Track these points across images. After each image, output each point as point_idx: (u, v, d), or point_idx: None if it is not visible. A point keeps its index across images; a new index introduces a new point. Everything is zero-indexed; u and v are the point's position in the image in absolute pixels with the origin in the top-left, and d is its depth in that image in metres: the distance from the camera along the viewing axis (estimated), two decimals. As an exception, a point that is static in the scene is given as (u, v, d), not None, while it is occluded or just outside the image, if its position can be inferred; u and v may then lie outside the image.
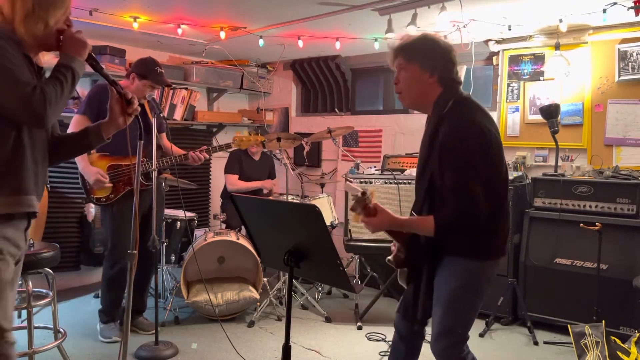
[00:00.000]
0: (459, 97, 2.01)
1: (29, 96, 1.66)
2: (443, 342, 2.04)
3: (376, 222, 1.96)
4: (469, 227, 1.92)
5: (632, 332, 3.26)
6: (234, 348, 3.27)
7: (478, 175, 1.88)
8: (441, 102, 1.99)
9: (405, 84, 2.06)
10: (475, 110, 1.98)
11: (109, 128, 1.99)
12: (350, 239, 4.03)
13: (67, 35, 1.81)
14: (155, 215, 3.46)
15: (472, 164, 1.88)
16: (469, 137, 1.90)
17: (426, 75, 2.01)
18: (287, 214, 1.91)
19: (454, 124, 1.92)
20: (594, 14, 3.58)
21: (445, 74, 2.01)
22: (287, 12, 3.83)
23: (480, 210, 1.89)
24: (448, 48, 2.03)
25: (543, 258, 3.82)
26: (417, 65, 2.01)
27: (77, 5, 3.61)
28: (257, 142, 3.27)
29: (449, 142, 1.91)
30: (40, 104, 1.67)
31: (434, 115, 2.03)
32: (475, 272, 2.00)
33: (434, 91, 2.02)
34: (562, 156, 4.14)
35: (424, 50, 2.02)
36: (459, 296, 2.00)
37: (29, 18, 1.73)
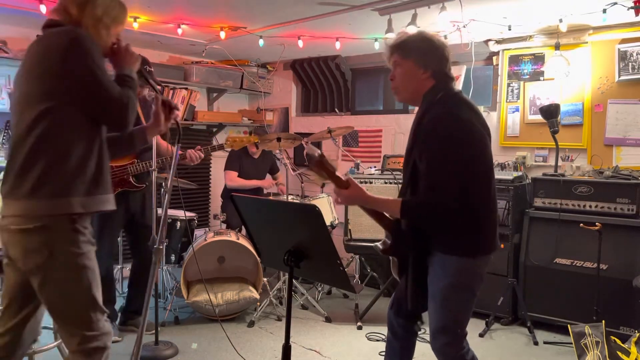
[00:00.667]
0: (448, 91, 2.06)
1: (118, 101, 1.80)
2: (441, 339, 2.05)
3: (347, 194, 2.04)
4: (438, 218, 1.95)
5: (632, 332, 3.26)
6: (234, 348, 3.27)
7: (453, 167, 1.91)
8: (430, 94, 2.06)
9: (401, 80, 2.12)
10: (460, 105, 2.02)
11: (152, 132, 2.15)
12: (350, 239, 4.03)
13: (124, 48, 1.96)
14: (151, 216, 3.47)
15: (448, 155, 1.92)
16: (448, 129, 1.94)
17: (420, 70, 2.06)
18: (287, 214, 1.91)
19: (436, 115, 1.98)
20: (594, 14, 3.58)
21: (439, 69, 2.07)
22: (287, 12, 3.83)
23: (449, 202, 1.91)
24: (442, 45, 2.10)
25: (543, 258, 3.83)
26: (412, 61, 2.07)
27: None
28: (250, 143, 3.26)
29: (429, 131, 1.97)
30: (126, 110, 1.82)
31: (422, 106, 2.09)
32: (467, 269, 2.02)
33: (427, 85, 2.08)
34: (562, 156, 4.14)
35: (419, 47, 2.08)
36: (452, 294, 2.02)
37: (97, 25, 1.87)
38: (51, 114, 1.76)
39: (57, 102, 1.76)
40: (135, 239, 3.64)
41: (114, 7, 1.93)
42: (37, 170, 1.76)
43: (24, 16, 3.95)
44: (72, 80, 1.76)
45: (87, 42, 1.79)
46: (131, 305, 3.66)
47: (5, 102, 4.20)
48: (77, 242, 1.82)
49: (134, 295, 3.66)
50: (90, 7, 1.86)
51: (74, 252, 1.81)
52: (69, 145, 1.78)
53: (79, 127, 1.81)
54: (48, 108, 1.76)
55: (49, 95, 1.76)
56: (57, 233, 1.78)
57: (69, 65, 1.75)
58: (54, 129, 1.77)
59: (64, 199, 1.77)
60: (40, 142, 1.76)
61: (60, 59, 1.75)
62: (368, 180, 4.07)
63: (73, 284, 1.82)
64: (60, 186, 1.77)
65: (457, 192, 1.90)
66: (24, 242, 1.78)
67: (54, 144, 1.77)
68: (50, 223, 1.76)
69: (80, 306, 1.84)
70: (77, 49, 1.76)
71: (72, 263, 1.81)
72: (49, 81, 1.77)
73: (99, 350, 1.87)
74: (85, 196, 1.81)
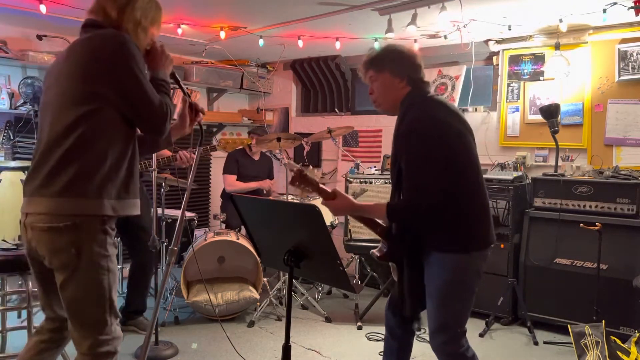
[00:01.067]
0: (423, 94, 2.13)
1: (159, 108, 1.84)
2: (440, 337, 2.06)
3: (335, 205, 2.12)
4: (423, 217, 2.00)
5: (632, 332, 3.26)
6: (234, 348, 3.27)
7: (432, 166, 1.96)
8: (407, 100, 2.12)
9: (380, 92, 2.19)
10: (435, 106, 2.08)
11: (176, 133, 2.16)
12: (350, 239, 4.03)
13: (160, 50, 1.97)
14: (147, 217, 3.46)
15: (426, 155, 1.97)
16: (424, 129, 2.00)
17: (397, 80, 2.14)
18: (287, 214, 1.92)
19: (412, 117, 2.05)
20: (594, 14, 3.58)
21: (413, 75, 2.14)
22: (287, 12, 3.83)
23: (431, 200, 1.95)
24: (412, 53, 2.20)
25: (543, 258, 3.82)
26: (388, 73, 2.15)
27: (77, 6, 3.61)
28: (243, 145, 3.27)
29: (406, 134, 2.04)
30: (165, 117, 1.87)
31: (400, 111, 2.13)
32: (462, 266, 2.03)
33: (404, 92, 2.15)
34: (562, 156, 4.14)
35: (392, 58, 2.16)
36: (449, 292, 2.03)
37: (137, 28, 1.89)
38: (93, 117, 1.77)
39: (99, 105, 1.78)
40: (132, 240, 3.63)
41: (151, 8, 1.95)
42: (72, 170, 1.77)
43: (24, 16, 3.95)
44: (118, 85, 1.78)
45: (133, 47, 1.81)
46: (131, 305, 3.66)
47: (6, 102, 4.21)
48: (104, 243, 1.83)
49: (134, 295, 3.66)
50: (130, 10, 1.88)
51: (100, 254, 1.82)
52: (107, 148, 1.80)
53: (118, 131, 1.83)
54: (90, 110, 1.77)
55: (93, 97, 1.77)
56: (87, 233, 1.79)
57: (116, 70, 1.77)
58: (94, 132, 1.78)
59: (98, 200, 1.79)
60: (79, 143, 1.77)
61: (107, 63, 1.77)
62: (368, 180, 4.07)
63: (95, 285, 1.82)
64: (94, 187, 1.78)
65: (437, 191, 1.95)
66: (52, 240, 1.78)
67: (92, 146, 1.78)
68: (80, 223, 1.77)
69: (98, 308, 1.84)
70: (124, 55, 1.77)
71: (97, 264, 1.82)
72: (93, 84, 1.77)
73: (110, 354, 1.86)
74: (116, 199, 1.84)
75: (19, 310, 3.41)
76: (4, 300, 2.93)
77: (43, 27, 4.35)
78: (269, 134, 5.15)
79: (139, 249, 3.51)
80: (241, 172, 4.85)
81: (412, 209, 1.99)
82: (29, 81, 4.17)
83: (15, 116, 4.31)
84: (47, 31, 4.41)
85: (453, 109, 2.13)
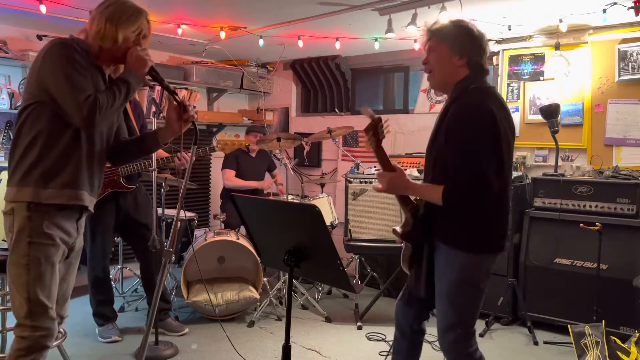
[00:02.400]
0: (481, 84, 2.05)
1: (83, 102, 1.88)
2: (449, 337, 2.04)
3: (390, 177, 2.05)
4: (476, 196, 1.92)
5: (632, 332, 3.26)
6: (234, 348, 3.27)
7: (484, 155, 1.90)
8: (462, 84, 2.04)
9: (436, 64, 2.10)
10: (489, 98, 2.00)
11: (165, 134, 2.17)
12: (350, 239, 4.03)
13: (130, 52, 2.03)
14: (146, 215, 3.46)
15: (477, 144, 1.91)
16: (476, 120, 1.93)
17: (455, 57, 2.05)
18: (287, 214, 1.91)
19: (463, 105, 1.98)
20: (594, 14, 3.58)
21: (474, 58, 2.05)
22: (287, 12, 3.83)
23: (489, 185, 1.89)
24: (480, 35, 2.07)
25: (543, 258, 3.82)
26: (448, 47, 2.05)
27: (77, 5, 3.61)
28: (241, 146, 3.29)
29: (455, 121, 1.96)
30: (91, 110, 1.89)
31: (452, 94, 2.07)
32: (473, 266, 2.01)
33: (461, 73, 2.06)
34: (562, 156, 4.14)
35: (456, 33, 2.06)
36: (459, 291, 2.01)
37: (100, 34, 1.99)
38: (27, 111, 1.96)
39: (33, 101, 1.95)
40: (135, 241, 3.63)
41: (123, 14, 2.02)
42: (14, 160, 1.98)
43: (24, 16, 3.95)
44: (42, 83, 1.92)
45: (61, 48, 1.93)
46: None
47: (6, 102, 4.20)
48: (26, 229, 1.92)
49: (150, 296, 3.65)
50: (97, 20, 2.01)
51: (21, 239, 1.92)
52: (35, 140, 1.94)
53: (48, 125, 1.94)
54: (27, 106, 1.96)
55: (30, 96, 1.97)
56: (17, 219, 1.94)
57: (41, 70, 1.93)
58: (27, 125, 1.95)
59: (23, 187, 1.94)
60: (17, 135, 1.98)
61: (37, 65, 1.94)
62: (368, 180, 4.07)
63: (16, 269, 1.93)
64: (22, 175, 1.94)
65: (494, 173, 1.89)
66: (3, 224, 2.00)
67: (25, 137, 1.95)
68: (15, 208, 1.94)
69: (17, 292, 1.93)
70: (49, 56, 1.92)
71: (23, 250, 1.92)
72: (30, 84, 1.98)
73: (25, 340, 1.92)
74: (40, 187, 1.93)
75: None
76: (4, 300, 2.93)
77: (43, 27, 4.35)
78: (269, 134, 5.15)
79: (144, 249, 3.50)
80: (240, 168, 4.87)
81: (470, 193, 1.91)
82: (29, 81, 4.17)
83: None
84: (47, 31, 4.41)
85: (505, 106, 2.06)
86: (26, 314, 1.92)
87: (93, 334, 3.56)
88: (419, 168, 4.49)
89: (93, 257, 3.50)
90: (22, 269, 1.92)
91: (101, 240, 3.47)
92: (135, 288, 4.49)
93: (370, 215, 3.97)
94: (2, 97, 4.19)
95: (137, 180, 3.58)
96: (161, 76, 2.13)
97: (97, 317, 3.56)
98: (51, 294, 1.98)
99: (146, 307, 3.96)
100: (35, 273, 1.92)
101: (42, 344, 1.94)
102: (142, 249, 3.52)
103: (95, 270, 3.51)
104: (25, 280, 1.91)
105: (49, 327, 1.96)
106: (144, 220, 3.52)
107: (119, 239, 4.42)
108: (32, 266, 1.92)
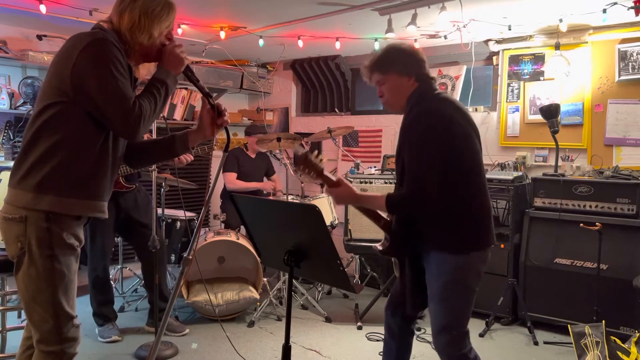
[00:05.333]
0: (430, 90, 2.13)
1: (130, 110, 1.72)
2: (443, 338, 2.06)
3: (337, 192, 2.12)
4: (421, 210, 1.99)
5: (632, 332, 3.26)
6: (234, 348, 3.27)
7: (433, 160, 1.95)
8: (414, 95, 2.13)
9: (390, 94, 2.18)
10: (441, 101, 2.08)
11: (196, 137, 2.02)
12: (350, 239, 4.03)
13: (168, 49, 1.89)
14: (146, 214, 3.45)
15: (427, 148, 1.97)
16: (427, 125, 2.00)
17: (404, 79, 2.14)
18: (287, 214, 1.91)
19: (418, 111, 2.06)
20: (594, 14, 3.58)
21: (419, 72, 2.14)
22: (287, 12, 3.83)
23: (430, 194, 1.94)
24: (414, 50, 2.19)
25: (543, 258, 3.82)
26: (394, 74, 2.14)
27: (77, 5, 3.61)
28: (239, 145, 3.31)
29: (410, 126, 2.06)
30: (137, 119, 1.74)
31: (408, 106, 2.14)
32: (463, 266, 2.03)
33: (412, 88, 2.15)
34: (562, 156, 4.14)
35: (395, 58, 2.15)
36: (450, 292, 2.03)
37: (135, 27, 1.82)
38: (54, 109, 1.75)
39: (60, 100, 1.75)
40: (136, 241, 3.64)
41: (156, 7, 1.88)
42: (28, 162, 1.76)
43: (24, 16, 3.94)
44: (77, 82, 1.73)
45: (104, 45, 1.75)
46: (153, 305, 3.60)
47: (5, 102, 4.20)
48: (47, 242, 1.75)
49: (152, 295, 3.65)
50: (129, 11, 1.84)
51: (42, 253, 1.75)
52: (60, 143, 1.75)
53: (77, 128, 1.77)
54: (53, 103, 1.75)
55: (56, 93, 1.76)
56: (31, 229, 1.75)
57: (78, 67, 1.72)
58: (52, 124, 1.75)
59: (42, 195, 1.74)
60: (36, 136, 1.76)
61: (72, 60, 1.73)
62: (368, 180, 4.07)
63: (37, 283, 1.78)
64: (40, 181, 1.74)
65: (436, 184, 1.94)
66: (5, 230, 1.80)
67: (46, 140, 1.75)
68: (28, 216, 1.75)
69: (39, 307, 1.80)
70: (89, 52, 1.73)
71: (40, 263, 1.76)
72: (59, 80, 1.75)
73: (55, 355, 1.82)
74: (64, 197, 1.76)
75: (19, 310, 3.41)
76: (4, 300, 2.93)
77: (43, 27, 4.35)
78: (269, 133, 5.15)
79: (143, 249, 3.50)
80: (241, 170, 4.87)
81: (411, 201, 1.99)
82: (29, 81, 4.17)
83: (15, 116, 4.31)
84: (47, 31, 4.41)
85: (459, 106, 2.12)
86: (52, 328, 1.80)
87: (93, 334, 3.56)
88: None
89: (93, 257, 3.50)
90: (44, 283, 1.77)
91: (101, 240, 3.47)
92: (135, 288, 4.49)
93: (370, 215, 3.96)
94: (2, 97, 4.19)
95: (136, 180, 3.58)
96: (196, 76, 2.00)
97: (97, 317, 3.57)
98: (74, 302, 1.89)
99: (146, 307, 3.95)
100: (60, 286, 1.80)
101: (70, 353, 1.86)
102: (143, 249, 3.51)
103: (96, 271, 3.51)
104: (50, 295, 1.78)
105: (76, 337, 1.88)
106: (144, 220, 3.53)
107: (119, 239, 4.42)
108: (56, 280, 1.78)
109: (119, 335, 3.52)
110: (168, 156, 2.22)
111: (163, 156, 2.22)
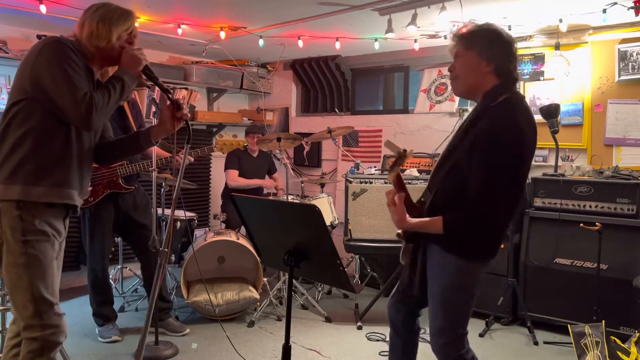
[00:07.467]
0: (512, 95, 1.92)
1: (80, 100, 1.87)
2: (440, 339, 2.05)
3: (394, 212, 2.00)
4: (482, 230, 1.89)
5: (632, 332, 3.26)
6: (234, 348, 3.27)
7: (507, 182, 1.84)
8: (492, 94, 1.93)
9: (461, 72, 2.00)
10: (523, 115, 1.88)
11: (159, 131, 2.19)
12: (350, 239, 4.02)
13: (124, 51, 2.06)
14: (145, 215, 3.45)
15: (504, 169, 1.82)
16: (511, 141, 1.82)
17: (482, 63, 1.93)
18: (287, 214, 1.91)
19: (498, 123, 1.84)
20: (594, 14, 3.58)
21: (503, 65, 1.93)
22: (287, 12, 3.83)
23: (497, 218, 1.87)
24: (510, 40, 1.95)
25: (543, 258, 3.82)
26: (475, 53, 1.94)
27: (76, 5, 3.61)
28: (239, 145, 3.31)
29: (489, 138, 1.83)
30: (89, 109, 1.88)
31: (481, 105, 1.96)
32: (466, 272, 2.00)
33: (489, 82, 1.95)
34: (562, 156, 4.14)
35: (484, 38, 1.95)
36: (451, 296, 2.01)
37: (93, 34, 2.01)
38: (17, 107, 1.93)
39: (22, 97, 1.93)
40: (135, 241, 3.63)
41: (112, 14, 2.05)
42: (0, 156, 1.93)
43: (24, 16, 3.95)
44: (36, 80, 1.90)
45: (57, 46, 1.92)
46: None
47: (5, 102, 4.20)
48: (19, 228, 1.88)
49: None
50: (88, 22, 2.04)
51: (16, 239, 1.88)
52: (24, 137, 1.91)
53: (41, 121, 1.92)
54: (17, 101, 1.94)
55: (20, 92, 1.94)
56: (5, 218, 1.89)
57: (34, 67, 1.91)
58: (17, 120, 1.93)
59: (11, 185, 1.90)
60: (6, 130, 1.94)
61: (30, 61, 1.92)
62: (368, 180, 4.07)
63: (15, 269, 1.90)
64: (10, 173, 1.90)
65: (505, 210, 1.87)
66: None
67: (14, 132, 1.92)
68: (1, 207, 1.90)
69: (19, 293, 1.90)
70: (43, 53, 1.91)
71: (15, 249, 1.89)
72: (21, 80, 1.95)
73: (38, 341, 1.90)
74: (31, 185, 1.90)
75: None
76: (4, 300, 2.93)
77: (43, 27, 4.35)
78: (269, 133, 5.16)
79: (142, 249, 3.50)
80: (242, 168, 4.87)
81: (474, 223, 1.86)
82: (29, 81, 4.17)
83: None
84: (47, 31, 4.41)
85: (532, 119, 1.92)
86: (32, 313, 1.89)
87: (93, 334, 3.56)
88: (419, 168, 4.49)
89: (92, 257, 3.50)
90: (22, 268, 1.88)
91: (100, 240, 3.47)
92: (135, 288, 4.49)
93: (370, 215, 3.96)
94: (2, 97, 4.19)
95: (135, 180, 3.58)
96: (155, 75, 2.15)
97: (97, 317, 3.57)
98: (54, 289, 1.96)
99: (146, 307, 3.95)
100: (37, 271, 1.90)
101: (53, 341, 1.93)
102: (142, 249, 3.51)
103: (95, 271, 3.51)
104: (27, 280, 1.88)
105: (57, 324, 1.94)
106: (143, 220, 3.53)
107: (118, 239, 4.42)
108: (32, 264, 1.89)
109: (119, 335, 3.52)
110: (134, 151, 2.46)
111: (129, 151, 2.39)
